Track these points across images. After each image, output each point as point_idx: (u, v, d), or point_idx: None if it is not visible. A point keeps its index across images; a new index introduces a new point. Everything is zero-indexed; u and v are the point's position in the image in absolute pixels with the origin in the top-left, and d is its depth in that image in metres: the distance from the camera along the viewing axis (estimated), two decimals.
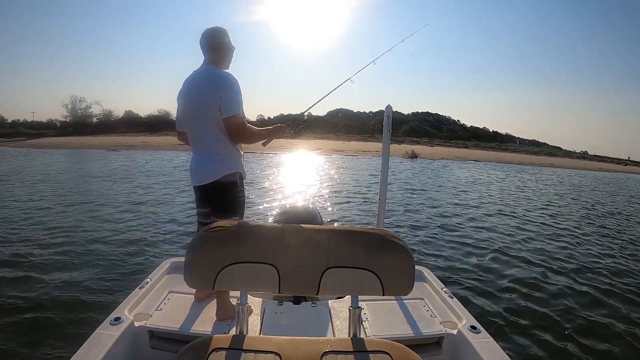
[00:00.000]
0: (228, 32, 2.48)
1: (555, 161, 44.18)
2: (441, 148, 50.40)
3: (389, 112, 2.93)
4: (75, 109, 65.19)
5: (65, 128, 60.27)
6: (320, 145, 41.86)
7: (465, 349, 2.04)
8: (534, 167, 34.76)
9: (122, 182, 13.44)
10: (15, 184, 12.30)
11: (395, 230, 7.48)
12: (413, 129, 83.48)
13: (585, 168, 39.11)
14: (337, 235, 1.55)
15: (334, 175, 17.65)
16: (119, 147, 33.04)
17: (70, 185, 12.40)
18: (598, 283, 5.42)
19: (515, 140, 74.21)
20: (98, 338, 1.88)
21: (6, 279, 4.57)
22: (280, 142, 32.07)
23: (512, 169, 29.97)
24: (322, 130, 66.04)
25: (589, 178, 28.30)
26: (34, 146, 34.76)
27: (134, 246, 5.97)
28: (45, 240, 6.14)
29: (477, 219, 9.45)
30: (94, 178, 14.28)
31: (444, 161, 32.95)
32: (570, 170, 34.40)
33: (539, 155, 52.91)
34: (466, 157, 39.14)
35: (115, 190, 11.49)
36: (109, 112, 68.29)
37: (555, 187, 19.18)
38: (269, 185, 13.60)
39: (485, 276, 5.39)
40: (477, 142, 68.77)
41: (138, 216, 8.08)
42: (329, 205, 10.38)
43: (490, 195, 14.30)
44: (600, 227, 9.58)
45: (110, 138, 43.22)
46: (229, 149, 2.37)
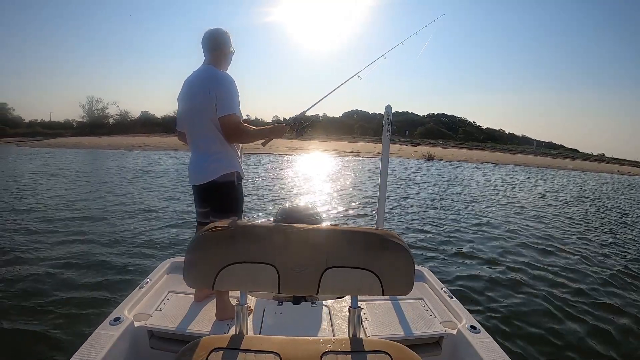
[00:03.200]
0: (229, 34, 2.52)
1: (572, 164, 43.50)
2: (457, 150, 50.00)
3: (389, 112, 2.94)
4: (92, 110, 66.49)
5: (82, 128, 61.47)
6: (336, 146, 41.89)
7: (465, 349, 2.04)
8: (551, 169, 34.26)
9: (125, 181, 13.61)
10: (19, 182, 12.54)
11: (397, 230, 7.47)
12: (429, 131, 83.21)
13: (603, 171, 38.46)
14: (337, 235, 1.55)
15: (357, 179, 17.21)
16: (135, 147, 33.44)
17: (73, 184, 12.57)
18: (599, 284, 5.42)
19: (532, 143, 73.27)
20: (98, 338, 1.88)
21: (6, 279, 4.61)
22: (297, 143, 32.60)
23: (531, 171, 29.50)
24: (337, 132, 66.20)
25: (607, 181, 27.77)
26: (51, 146, 35.38)
27: (133, 246, 6.00)
28: (45, 240, 6.19)
29: (480, 219, 9.40)
30: (99, 178, 14.52)
31: (460, 163, 32.67)
32: (587, 174, 33.79)
33: (556, 157, 52.16)
34: (482, 159, 38.76)
35: (117, 190, 11.62)
36: (125, 113, 69.46)
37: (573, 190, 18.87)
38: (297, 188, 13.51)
39: (485, 276, 5.39)
40: (493, 144, 68.18)
41: (138, 216, 8.14)
42: (354, 208, 10.25)
43: (501, 196, 14.19)
44: (610, 232, 9.31)
45: (126, 138, 43.84)
46: (226, 149, 2.39)
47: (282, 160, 25.39)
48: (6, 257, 5.33)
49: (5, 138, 45.73)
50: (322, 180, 16.03)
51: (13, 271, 4.84)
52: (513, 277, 5.41)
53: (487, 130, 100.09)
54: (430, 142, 59.75)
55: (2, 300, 4.04)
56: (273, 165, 21.84)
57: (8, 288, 4.34)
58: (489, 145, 65.74)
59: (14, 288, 4.35)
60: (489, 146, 63.06)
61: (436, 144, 57.69)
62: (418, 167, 26.04)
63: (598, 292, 5.08)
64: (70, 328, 3.53)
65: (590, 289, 5.16)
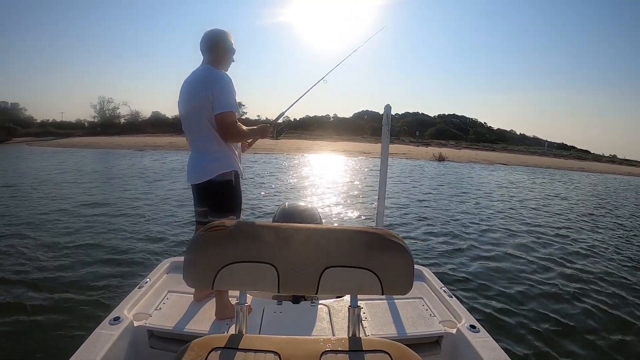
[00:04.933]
0: (230, 34, 2.52)
1: (584, 165, 42.98)
2: (468, 151, 49.72)
3: (388, 112, 2.96)
4: (103, 110, 67.26)
5: (93, 128, 62.03)
6: (346, 147, 41.86)
7: (465, 348, 2.05)
8: (563, 171, 33.89)
9: (129, 181, 13.73)
10: (23, 182, 12.72)
11: (398, 229, 7.46)
12: (439, 131, 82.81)
13: (615, 172, 37.96)
14: (336, 235, 1.55)
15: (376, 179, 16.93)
16: (146, 147, 33.68)
17: (75, 184, 12.69)
18: (600, 284, 5.41)
19: (543, 143, 72.51)
20: (97, 338, 1.89)
21: (5, 278, 4.64)
22: (308, 143, 32.90)
23: (543, 173, 29.20)
24: (347, 132, 66.24)
25: (618, 182, 27.32)
26: (62, 145, 35.73)
27: (133, 246, 6.03)
28: (44, 240, 6.24)
29: (483, 220, 9.37)
30: (103, 177, 14.69)
31: (471, 164, 32.46)
32: (601, 175, 33.35)
33: (567, 159, 51.61)
34: (493, 160, 38.49)
35: (118, 190, 11.73)
36: (136, 113, 70.13)
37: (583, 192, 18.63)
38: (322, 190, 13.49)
39: (485, 275, 5.42)
40: (505, 145, 67.75)
41: (138, 215, 8.19)
42: (365, 208, 10.22)
43: (505, 197, 14.14)
44: (619, 236, 9.07)
45: (137, 138, 44.19)
46: (223, 148, 2.40)
47: (291, 161, 25.48)
48: (6, 256, 5.37)
49: (17, 138, 46.34)
50: (333, 181, 16.04)
51: (13, 271, 4.87)
52: (513, 277, 5.43)
53: (498, 131, 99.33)
54: (441, 142, 59.53)
55: (2, 300, 4.07)
56: (283, 165, 21.96)
57: (8, 287, 4.38)
58: (500, 146, 65.33)
59: (14, 287, 4.39)
60: (500, 147, 62.68)
61: (447, 144, 57.43)
62: (428, 168, 25.99)
63: (599, 294, 5.06)
64: (69, 328, 3.55)
65: (592, 290, 5.15)
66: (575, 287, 5.17)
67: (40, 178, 13.79)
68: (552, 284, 5.29)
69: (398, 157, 34.42)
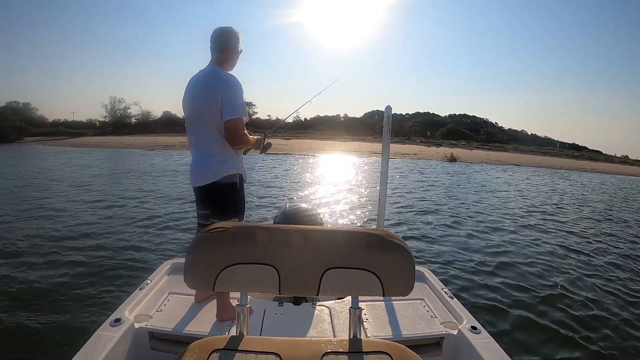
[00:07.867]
0: (239, 34, 2.50)
1: (597, 166, 42.47)
2: (480, 151, 49.45)
3: (389, 113, 2.95)
4: (114, 110, 67.97)
5: (104, 128, 62.62)
6: (358, 147, 41.76)
7: (466, 350, 2.06)
8: (576, 172, 33.43)
9: (132, 181, 13.76)
10: (27, 181, 12.84)
11: (403, 232, 7.42)
12: (450, 131, 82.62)
13: (628, 173, 37.49)
14: (337, 236, 1.53)
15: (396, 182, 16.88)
16: (157, 147, 33.84)
17: (77, 184, 12.74)
18: (601, 285, 5.38)
19: (554, 144, 71.88)
20: (98, 339, 1.90)
21: (7, 279, 4.66)
22: (319, 143, 32.99)
23: (555, 174, 28.88)
24: (358, 132, 66.20)
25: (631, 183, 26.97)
26: (73, 145, 36.03)
27: (134, 247, 6.03)
28: (45, 240, 6.26)
29: (489, 222, 9.29)
30: (107, 177, 14.77)
31: (483, 165, 32.20)
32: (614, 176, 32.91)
33: (579, 159, 51.09)
34: (505, 160, 38.19)
35: (120, 190, 11.75)
36: (147, 113, 70.73)
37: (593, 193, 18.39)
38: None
39: (486, 277, 5.39)
40: (516, 145, 67.34)
41: (138, 216, 8.18)
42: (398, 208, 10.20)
43: (507, 197, 14.08)
44: (626, 239, 8.88)
45: (148, 138, 44.42)
46: (228, 150, 2.39)
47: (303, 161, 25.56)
48: (7, 257, 5.41)
49: (29, 137, 46.86)
50: (342, 181, 15.99)
51: (14, 272, 4.89)
52: (514, 278, 5.44)
53: (509, 131, 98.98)
54: (452, 142, 59.32)
55: (3, 302, 4.09)
56: (294, 165, 22.05)
57: (9, 289, 4.40)
58: (512, 146, 64.95)
59: (15, 289, 4.41)
60: (511, 147, 62.29)
61: (458, 144, 57.16)
62: (440, 168, 25.88)
63: (602, 295, 5.04)
64: (70, 329, 3.56)
65: (594, 291, 5.15)
66: (576, 289, 5.15)
67: (50, 177, 13.94)
68: (555, 284, 5.27)
69: (410, 157, 34.38)
